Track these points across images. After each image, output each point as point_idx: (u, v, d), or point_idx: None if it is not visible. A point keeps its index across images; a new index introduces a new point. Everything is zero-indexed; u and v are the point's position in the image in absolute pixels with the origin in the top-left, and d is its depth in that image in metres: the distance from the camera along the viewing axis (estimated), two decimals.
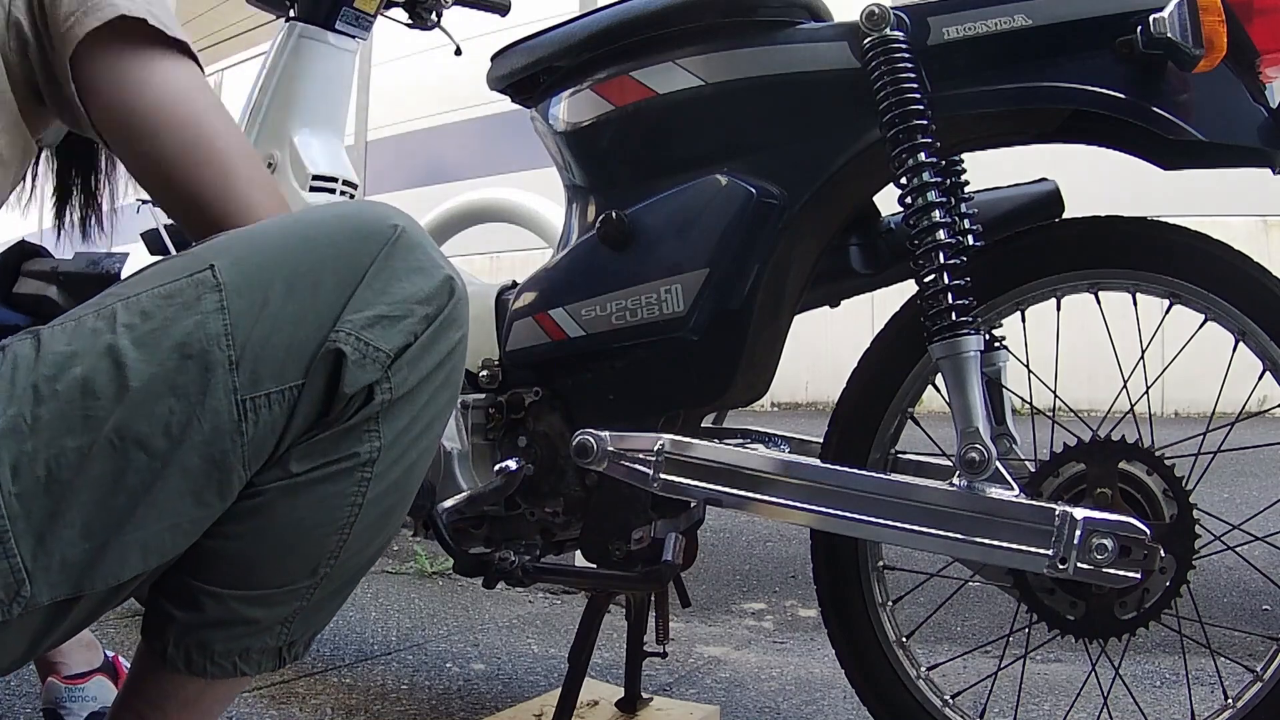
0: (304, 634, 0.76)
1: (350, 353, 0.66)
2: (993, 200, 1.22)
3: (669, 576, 1.12)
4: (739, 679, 1.66)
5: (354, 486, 0.70)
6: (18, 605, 0.63)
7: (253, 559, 0.70)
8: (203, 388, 0.64)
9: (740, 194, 1.10)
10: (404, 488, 0.73)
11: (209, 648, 0.72)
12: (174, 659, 0.72)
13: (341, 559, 0.72)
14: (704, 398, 1.17)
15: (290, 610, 0.73)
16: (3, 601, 0.62)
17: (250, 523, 0.69)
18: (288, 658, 0.75)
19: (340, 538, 0.71)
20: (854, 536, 1.11)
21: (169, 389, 0.64)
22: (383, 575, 2.32)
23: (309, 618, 0.74)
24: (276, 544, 0.70)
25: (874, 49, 1.03)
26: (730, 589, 2.27)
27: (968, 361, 1.00)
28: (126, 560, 0.65)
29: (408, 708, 1.47)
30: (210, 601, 0.70)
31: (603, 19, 1.18)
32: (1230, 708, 1.02)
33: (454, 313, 0.72)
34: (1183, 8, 0.93)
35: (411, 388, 0.70)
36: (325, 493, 0.69)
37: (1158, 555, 0.93)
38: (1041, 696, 1.54)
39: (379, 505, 0.72)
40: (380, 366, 0.68)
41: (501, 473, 1.19)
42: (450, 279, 0.72)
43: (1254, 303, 1.01)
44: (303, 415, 0.67)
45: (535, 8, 2.72)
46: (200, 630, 0.71)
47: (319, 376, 0.66)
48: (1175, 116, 0.95)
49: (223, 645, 0.72)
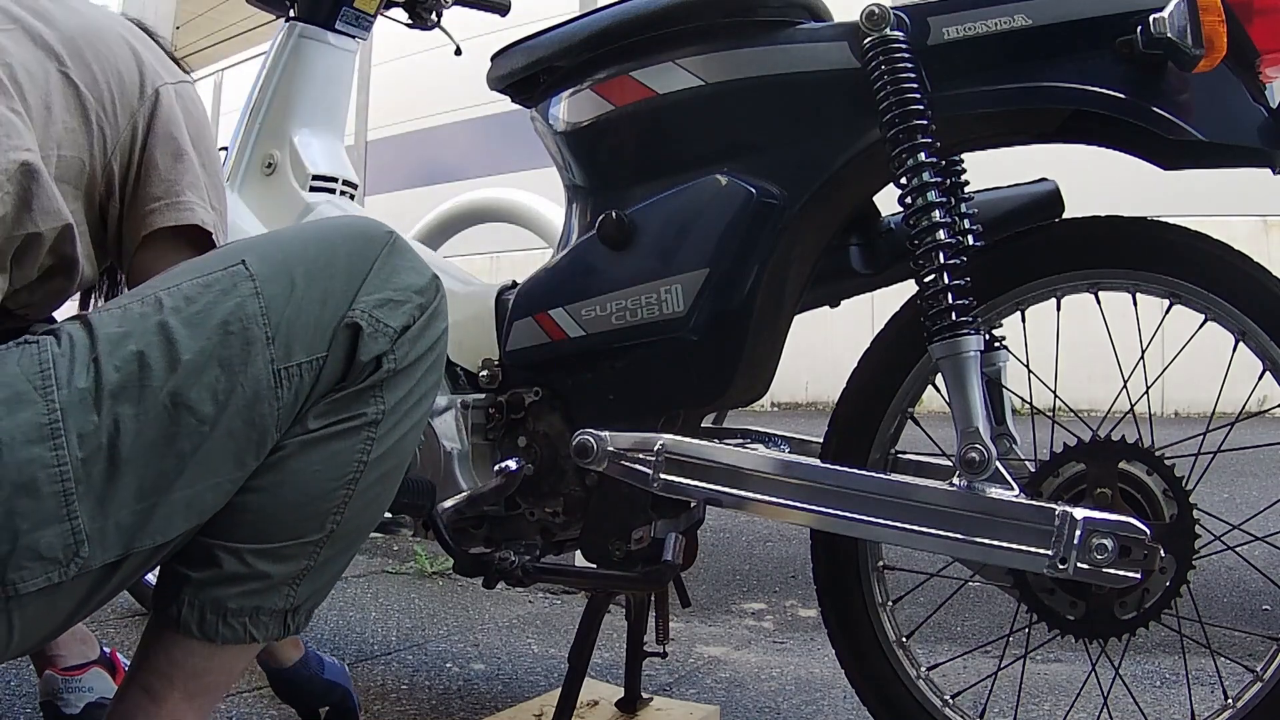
0: (308, 599, 0.82)
1: (365, 326, 0.77)
2: (993, 200, 1.22)
3: (669, 576, 1.12)
4: (739, 679, 1.66)
5: (361, 443, 0.79)
6: (74, 566, 0.69)
7: (271, 511, 0.77)
8: (245, 359, 0.73)
9: (740, 194, 1.10)
10: (399, 454, 0.82)
11: (223, 605, 0.78)
12: (187, 621, 0.78)
13: (346, 516, 0.80)
14: (704, 398, 1.17)
15: (300, 568, 0.80)
16: (60, 563, 0.69)
17: (271, 477, 0.77)
18: (291, 625, 0.82)
19: (347, 492, 0.79)
20: (854, 536, 1.10)
21: (215, 360, 0.73)
22: (383, 575, 2.32)
23: (314, 579, 0.81)
24: (293, 496, 0.78)
25: (874, 49, 1.03)
26: (730, 589, 2.27)
27: (968, 361, 1.00)
28: (173, 519, 0.73)
29: (408, 708, 1.47)
30: (228, 557, 0.77)
31: (603, 19, 1.18)
32: (1230, 708, 1.02)
33: (441, 306, 0.84)
34: (1182, 8, 0.93)
35: (410, 362, 0.80)
36: (336, 447, 0.78)
37: (1158, 555, 0.93)
38: (1041, 696, 1.54)
39: (379, 467, 0.81)
40: (388, 339, 0.79)
41: (501, 473, 1.19)
42: (436, 278, 0.84)
43: (1254, 303, 1.01)
44: (325, 382, 0.77)
45: (535, 8, 2.72)
46: (215, 587, 0.77)
47: (339, 348, 0.77)
48: (1175, 116, 0.95)
49: (236, 603, 0.78)
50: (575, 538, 1.22)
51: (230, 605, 0.78)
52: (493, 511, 1.22)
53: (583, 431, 1.12)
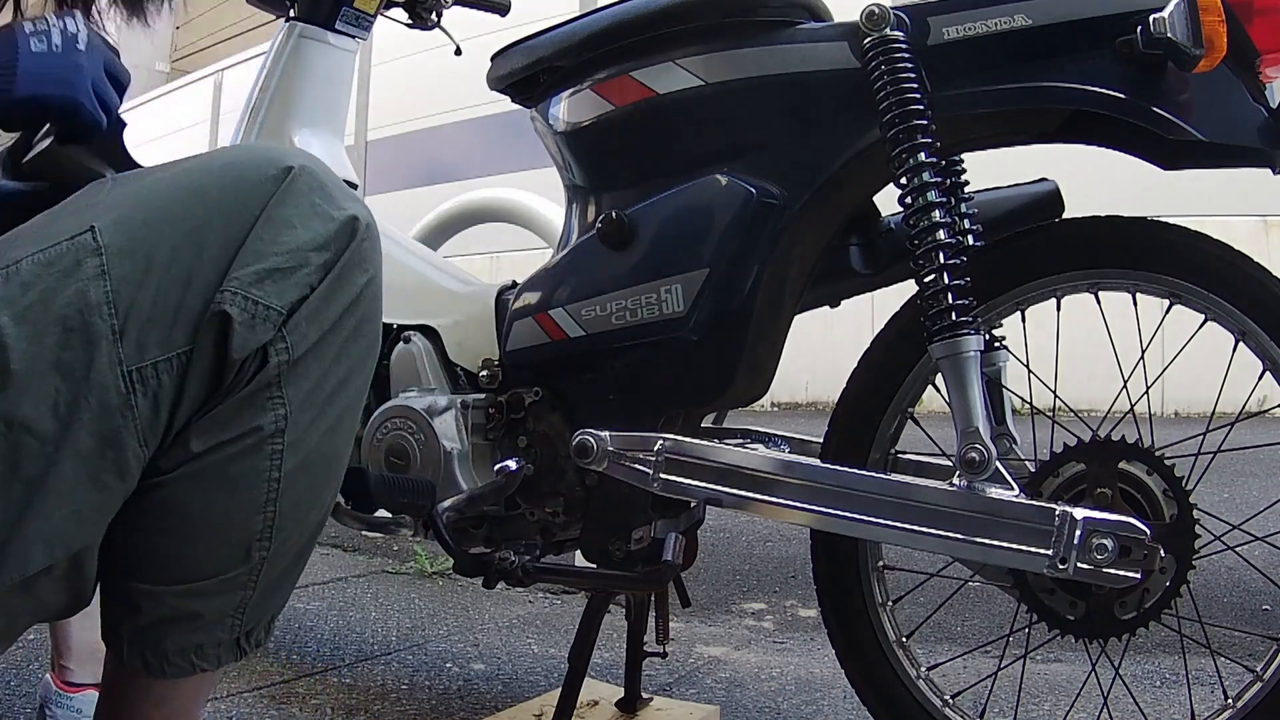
0: (259, 620, 0.72)
1: (237, 314, 0.62)
2: (993, 200, 1.22)
3: (669, 576, 1.12)
4: (739, 679, 1.66)
5: (265, 462, 0.65)
6: None
7: (175, 551, 0.66)
8: (87, 363, 0.59)
9: (740, 194, 1.10)
10: (329, 452, 0.69)
11: (160, 647, 0.69)
12: (132, 662, 0.69)
13: (276, 540, 0.68)
14: (704, 398, 1.17)
15: (235, 601, 0.69)
16: None
17: (164, 513, 0.65)
18: (248, 647, 0.72)
19: (265, 517, 0.66)
20: (854, 536, 1.10)
21: (53, 368, 0.59)
22: (383, 575, 2.32)
23: (260, 605, 0.71)
24: (196, 533, 0.66)
25: (874, 49, 1.03)
26: (730, 589, 2.27)
27: (968, 361, 1.00)
28: (30, 554, 0.60)
29: (408, 708, 1.47)
30: (147, 601, 0.67)
31: (603, 19, 1.18)
32: (1230, 708, 1.02)
33: (357, 254, 0.67)
34: (1182, 8, 0.93)
35: (314, 343, 0.65)
36: (235, 473, 0.65)
37: (1158, 555, 0.93)
38: (1041, 696, 1.54)
39: (303, 477, 0.67)
40: (273, 325, 0.63)
41: (501, 473, 1.19)
42: (353, 219, 0.67)
43: (1254, 303, 1.01)
44: (196, 384, 0.63)
45: (535, 8, 2.72)
46: (148, 631, 0.68)
47: (207, 342, 0.62)
48: (1175, 116, 0.95)
49: (174, 643, 0.69)
50: (575, 538, 1.22)
51: (167, 647, 0.68)
52: (493, 511, 1.22)
53: (583, 431, 1.12)
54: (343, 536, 2.64)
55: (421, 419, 1.23)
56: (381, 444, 1.25)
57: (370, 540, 2.62)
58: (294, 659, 1.67)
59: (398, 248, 1.42)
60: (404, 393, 1.29)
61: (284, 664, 1.64)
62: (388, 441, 1.25)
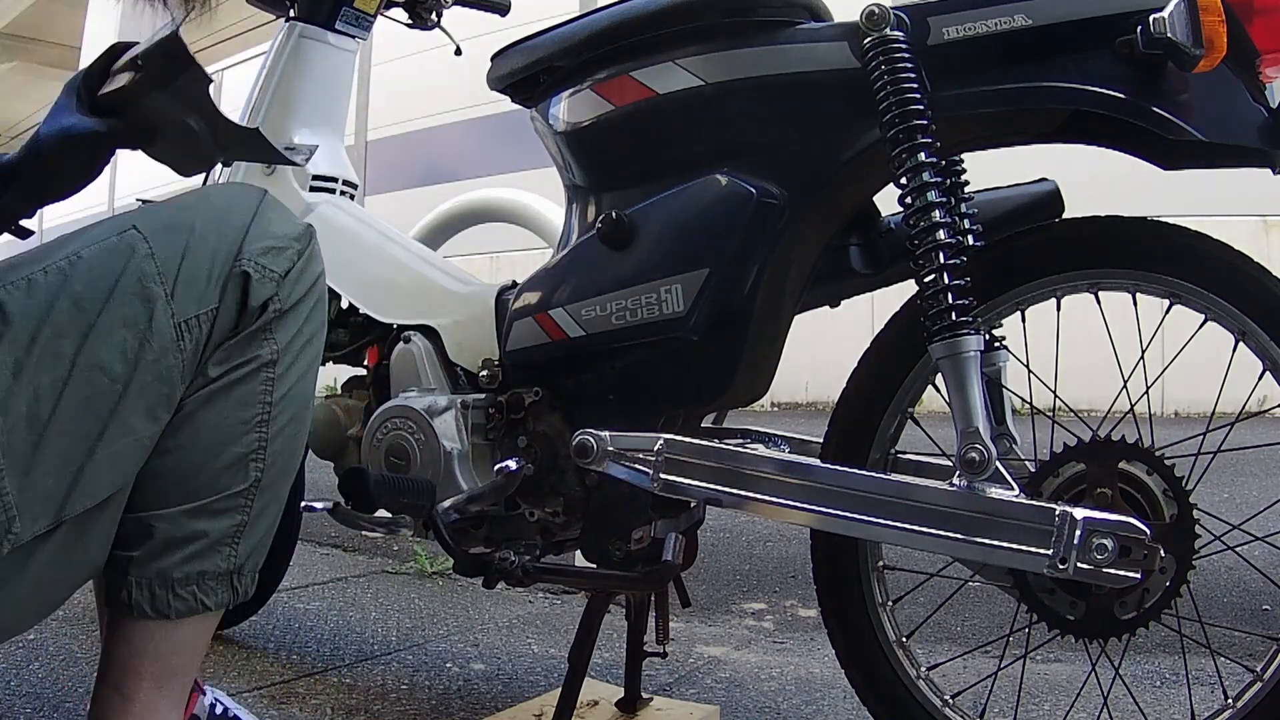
0: (248, 557, 0.86)
1: (253, 273, 0.83)
2: (993, 200, 1.22)
3: (669, 576, 1.12)
4: (739, 679, 1.66)
5: (262, 385, 0.84)
6: (7, 544, 0.71)
7: (192, 466, 0.82)
8: (148, 317, 0.78)
9: (740, 194, 1.10)
10: (302, 394, 0.88)
11: (168, 576, 0.81)
12: (139, 603, 0.81)
13: (267, 461, 0.85)
14: (704, 398, 1.17)
15: (235, 522, 0.84)
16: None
17: (185, 432, 0.81)
18: (239, 588, 0.86)
19: (259, 435, 0.84)
20: (854, 536, 1.10)
21: (122, 321, 0.77)
22: (383, 575, 2.32)
23: (251, 534, 0.85)
24: (209, 447, 0.82)
25: (874, 49, 1.03)
26: (730, 589, 2.27)
27: (968, 361, 1.00)
28: (99, 480, 0.76)
29: (408, 708, 1.47)
30: (161, 523, 0.81)
31: (603, 19, 1.18)
32: (1230, 708, 1.01)
33: (314, 248, 0.89)
34: (1182, 8, 0.93)
35: (296, 301, 0.86)
36: (239, 393, 0.83)
37: (1158, 555, 0.93)
38: (1041, 696, 1.54)
39: (286, 408, 0.86)
40: (274, 283, 0.84)
41: (501, 473, 1.19)
42: (309, 225, 0.90)
43: (1254, 303, 1.01)
44: (220, 330, 0.82)
45: (535, 8, 2.72)
46: (157, 559, 0.81)
47: (231, 296, 0.82)
48: (1175, 116, 0.95)
49: (180, 571, 0.81)
50: (575, 538, 1.22)
51: (175, 575, 0.81)
52: (493, 511, 1.22)
53: (583, 431, 1.12)
54: (343, 536, 2.64)
55: (421, 419, 1.23)
56: (382, 444, 1.25)
57: (370, 540, 2.62)
58: (294, 659, 1.67)
59: (398, 248, 1.42)
60: (404, 393, 1.29)
61: (284, 664, 1.64)
62: (388, 441, 1.25)
